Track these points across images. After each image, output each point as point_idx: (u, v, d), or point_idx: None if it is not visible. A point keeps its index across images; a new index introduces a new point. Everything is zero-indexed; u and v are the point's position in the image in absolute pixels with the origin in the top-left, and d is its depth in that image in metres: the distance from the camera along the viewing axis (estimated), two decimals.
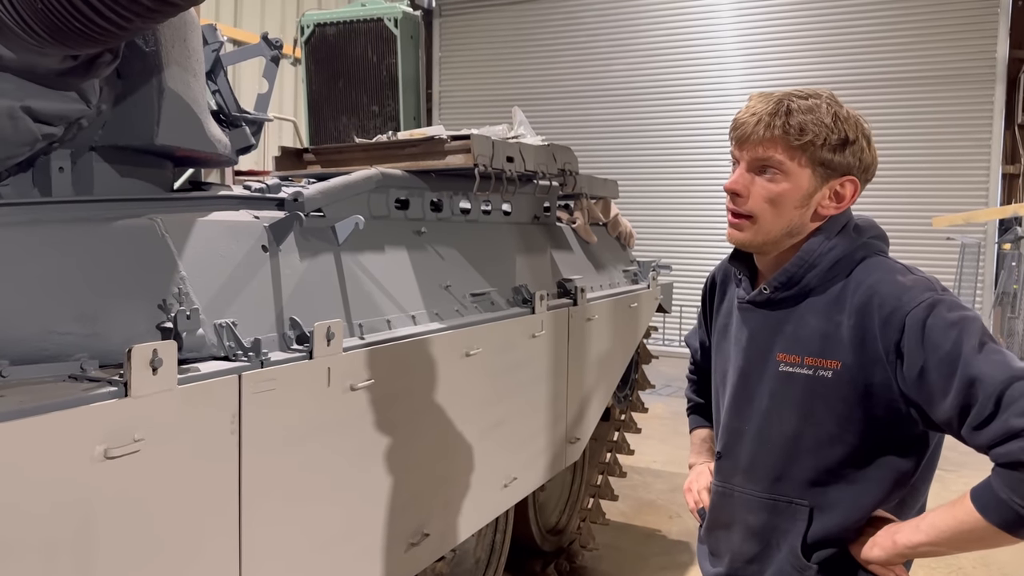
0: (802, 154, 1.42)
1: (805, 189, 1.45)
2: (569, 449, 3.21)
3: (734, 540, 1.59)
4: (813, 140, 1.41)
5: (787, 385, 1.49)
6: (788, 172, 1.44)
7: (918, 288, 1.38)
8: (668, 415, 7.32)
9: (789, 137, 1.41)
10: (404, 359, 2.08)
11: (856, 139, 1.44)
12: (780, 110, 1.43)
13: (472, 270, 2.66)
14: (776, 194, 1.45)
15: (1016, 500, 1.22)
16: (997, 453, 1.25)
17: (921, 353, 1.32)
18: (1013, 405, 1.23)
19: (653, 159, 11.12)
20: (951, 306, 1.34)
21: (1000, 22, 9.43)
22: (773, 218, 1.47)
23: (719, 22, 10.82)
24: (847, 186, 1.46)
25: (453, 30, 12.45)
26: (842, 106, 1.47)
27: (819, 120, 1.41)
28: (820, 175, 1.44)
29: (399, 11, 3.66)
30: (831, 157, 1.43)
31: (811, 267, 1.48)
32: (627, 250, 4.16)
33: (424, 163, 2.53)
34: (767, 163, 1.45)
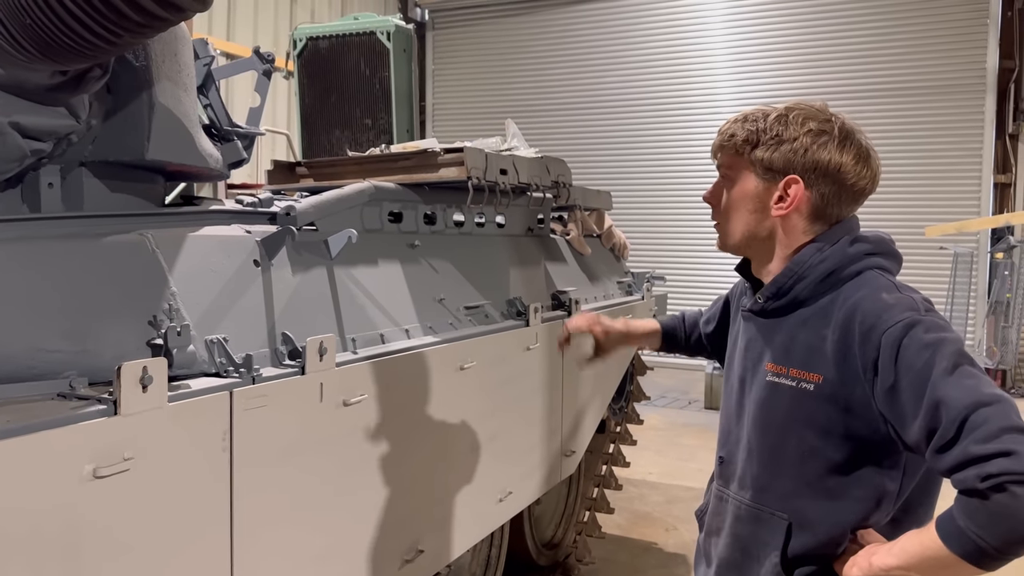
0: (741, 158, 1.49)
1: (751, 192, 1.49)
2: (564, 462, 3.19)
3: (721, 546, 1.59)
4: (747, 139, 1.47)
5: (773, 394, 1.49)
6: (734, 178, 1.52)
7: (899, 307, 1.35)
8: (664, 426, 7.31)
9: (727, 144, 1.50)
10: (398, 374, 2.07)
11: (794, 138, 1.44)
12: (736, 120, 1.51)
13: (466, 283, 2.65)
14: (730, 201, 1.52)
15: (973, 528, 1.18)
16: (956, 479, 1.22)
17: (893, 372, 1.31)
18: (975, 432, 1.19)
19: (646, 171, 11.14)
20: (929, 327, 1.32)
21: (989, 33, 9.49)
22: (731, 222, 1.54)
23: (711, 35, 10.87)
24: (787, 187, 1.47)
25: (446, 43, 12.48)
26: (803, 109, 1.48)
27: (754, 124, 1.47)
28: (764, 176, 1.48)
29: (392, 24, 3.66)
30: (766, 156, 1.46)
31: (800, 278, 1.48)
32: (621, 261, 4.16)
33: (417, 176, 2.53)
34: (721, 170, 1.55)
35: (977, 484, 1.17)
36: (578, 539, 4.02)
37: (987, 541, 1.17)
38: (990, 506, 1.16)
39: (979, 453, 1.18)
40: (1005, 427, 1.18)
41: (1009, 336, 9.10)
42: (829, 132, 1.46)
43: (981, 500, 1.17)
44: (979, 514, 1.17)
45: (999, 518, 1.15)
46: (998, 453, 1.16)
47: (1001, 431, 1.18)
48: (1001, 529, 1.16)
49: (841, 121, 1.49)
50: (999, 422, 1.19)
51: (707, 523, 1.68)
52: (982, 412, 1.20)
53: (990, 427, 1.18)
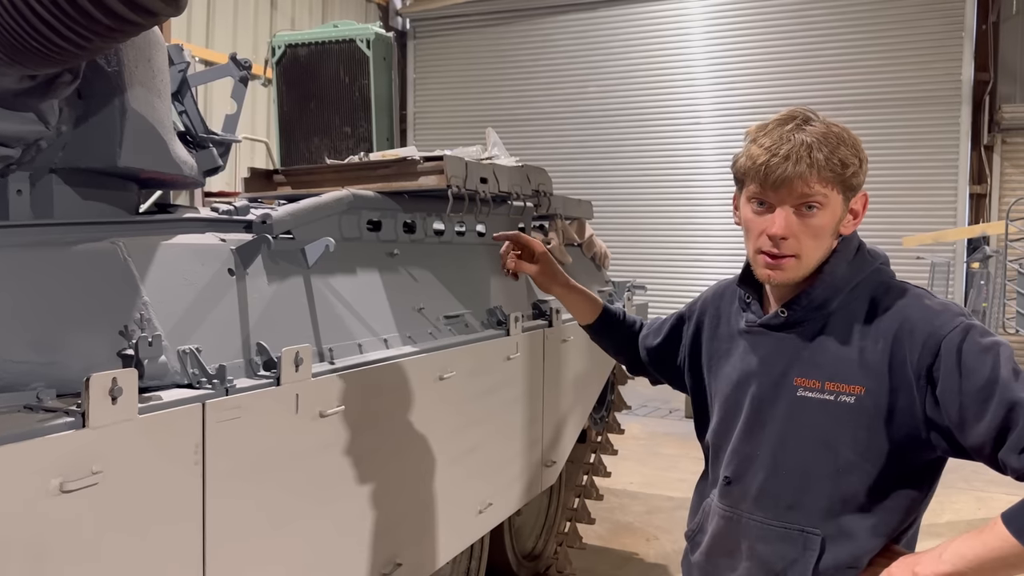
0: (837, 184, 1.42)
1: (839, 216, 1.46)
2: (545, 473, 3.17)
3: (738, 568, 1.55)
4: (853, 172, 1.42)
5: (804, 410, 1.46)
6: (826, 204, 1.43)
7: (948, 313, 1.39)
8: (644, 436, 7.30)
9: (832, 172, 1.40)
10: (375, 384, 2.04)
11: (864, 158, 1.46)
12: (819, 144, 1.40)
13: (446, 292, 2.62)
14: (819, 228, 1.44)
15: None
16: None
17: (957, 378, 1.32)
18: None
19: (627, 180, 11.18)
20: (983, 332, 1.36)
21: (964, 45, 9.63)
22: (816, 251, 1.46)
23: (691, 45, 10.95)
24: (860, 201, 1.49)
25: (428, 52, 12.48)
26: (856, 143, 1.47)
27: (850, 150, 1.42)
28: (847, 199, 1.46)
29: (371, 32, 3.64)
30: (857, 181, 1.45)
31: (836, 290, 1.48)
32: (602, 270, 4.15)
33: (397, 184, 2.51)
34: (810, 200, 1.42)
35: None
36: (559, 550, 4.00)
37: None
38: None
39: None
40: None
41: None
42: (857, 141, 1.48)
43: None
44: None
45: None
46: None
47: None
48: None
49: None
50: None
51: (710, 545, 1.62)
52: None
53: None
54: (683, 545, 1.75)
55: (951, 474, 1.41)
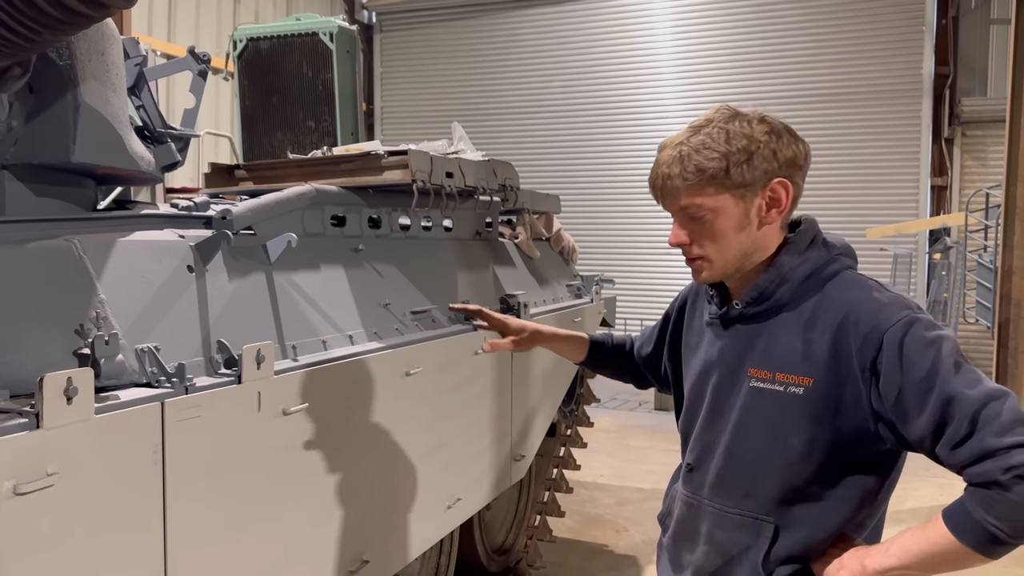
0: (712, 186, 1.41)
1: (735, 214, 1.44)
2: (514, 467, 3.17)
3: (697, 553, 1.58)
4: (714, 173, 1.40)
5: (757, 400, 1.48)
6: (711, 208, 1.43)
7: (895, 306, 1.38)
8: (614, 428, 7.34)
9: (692, 181, 1.42)
10: (341, 381, 2.03)
11: (758, 147, 1.41)
12: (675, 159, 1.43)
13: (412, 287, 2.61)
14: (715, 231, 1.45)
15: (991, 520, 1.22)
16: (972, 473, 1.25)
17: (898, 371, 1.33)
18: (989, 425, 1.24)
19: (595, 174, 11.22)
20: (928, 325, 1.35)
21: (925, 40, 9.79)
22: (722, 251, 1.47)
23: (657, 40, 11.00)
24: (777, 189, 1.44)
25: (394, 46, 12.40)
26: (736, 118, 1.44)
27: (713, 150, 1.40)
28: (741, 195, 1.43)
29: (334, 25, 3.61)
30: (742, 176, 1.41)
31: (783, 281, 1.47)
32: (570, 265, 4.16)
33: (361, 179, 2.48)
34: (688, 210, 1.46)
35: (999, 476, 1.20)
36: (529, 544, 4.01)
37: (1005, 531, 1.21)
38: (1012, 496, 1.20)
39: (997, 446, 1.22)
40: (1018, 419, 1.23)
41: None
42: (777, 129, 1.45)
43: (1002, 491, 1.21)
44: (999, 505, 1.21)
45: (1020, 508, 1.20)
46: (1016, 445, 1.21)
47: (1015, 423, 1.23)
48: (1021, 518, 1.21)
49: (771, 116, 1.48)
50: (1011, 415, 1.24)
51: (674, 529, 1.66)
52: (993, 406, 1.25)
53: (1004, 420, 1.23)
54: (652, 536, 1.78)
55: (912, 461, 1.43)
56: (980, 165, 10.02)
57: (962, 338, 9.57)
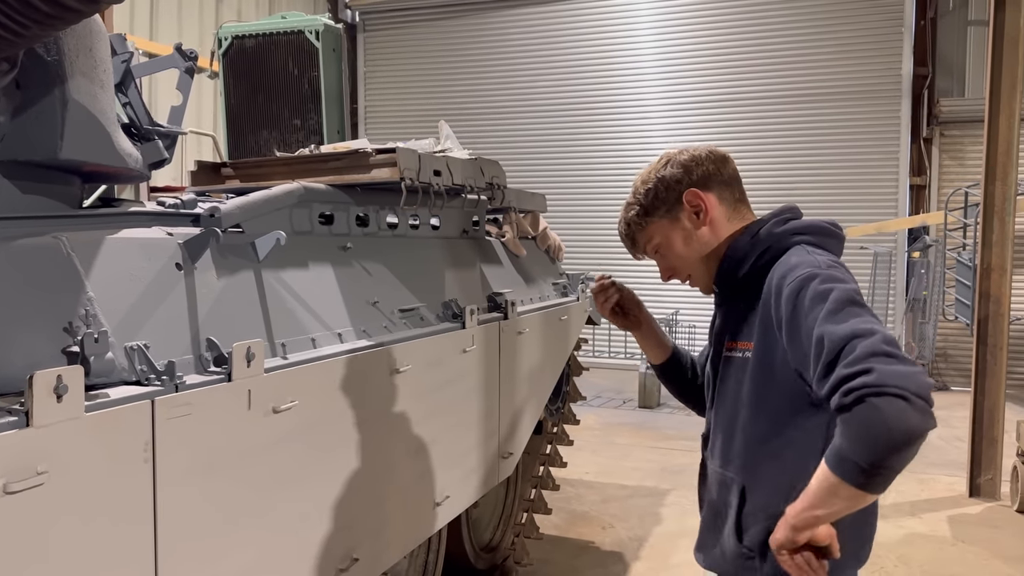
0: (645, 226, 1.74)
1: (676, 233, 1.71)
2: (502, 464, 3.18)
3: (704, 511, 1.78)
4: (638, 218, 1.73)
5: (728, 369, 1.67)
6: (659, 240, 1.74)
7: (802, 266, 1.49)
8: (599, 426, 7.37)
9: (634, 232, 1.78)
10: (330, 379, 2.02)
11: (654, 185, 1.70)
12: (622, 228, 1.81)
13: (400, 286, 2.61)
14: (674, 255, 1.74)
15: (847, 447, 1.27)
16: (832, 403, 1.31)
17: (794, 321, 1.44)
18: (846, 358, 1.30)
19: (580, 173, 11.25)
20: (825, 279, 1.43)
21: (904, 41, 9.89)
22: (690, 263, 1.73)
23: (640, 39, 11.04)
24: (691, 200, 1.68)
25: (378, 45, 12.36)
26: (654, 166, 1.75)
27: (632, 206, 1.75)
28: (668, 217, 1.71)
29: (320, 23, 3.59)
30: (656, 206, 1.71)
31: (738, 261, 1.64)
32: (556, 263, 4.17)
33: (349, 177, 2.48)
34: (652, 251, 1.78)
35: (844, 400, 1.26)
36: (516, 541, 4.01)
37: (858, 456, 1.25)
38: (852, 419, 1.25)
39: (846, 374, 1.28)
40: (872, 352, 1.28)
41: (926, 332, 9.49)
42: (676, 158, 1.74)
43: (848, 416, 1.27)
44: (848, 430, 1.27)
45: (862, 429, 1.24)
46: (860, 372, 1.26)
47: (868, 355, 1.27)
48: (866, 440, 1.24)
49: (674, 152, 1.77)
50: (868, 348, 1.28)
51: (699, 492, 1.84)
52: (855, 342, 1.31)
53: (859, 353, 1.29)
54: (638, 533, 1.90)
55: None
56: (958, 164, 10.13)
57: (941, 335, 9.68)
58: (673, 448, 6.74)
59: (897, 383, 1.22)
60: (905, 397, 1.21)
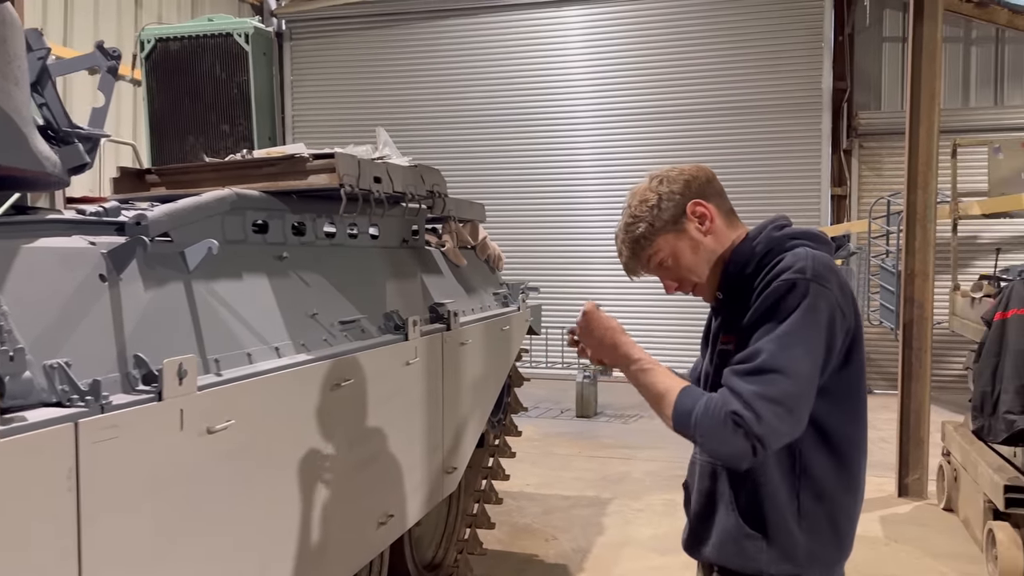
0: (652, 241, 1.72)
1: (684, 244, 1.72)
2: (446, 480, 3.10)
3: (693, 503, 1.81)
4: (646, 233, 1.72)
5: (722, 362, 1.67)
6: (666, 254, 1.73)
7: (798, 263, 1.56)
8: (539, 436, 7.32)
9: (640, 250, 1.75)
10: (267, 395, 1.91)
11: (659, 197, 1.71)
12: (622, 247, 1.77)
13: (340, 297, 2.51)
14: (681, 266, 1.74)
15: (698, 412, 1.52)
16: (724, 393, 1.52)
17: (764, 311, 1.55)
18: (762, 384, 1.48)
19: (515, 183, 11.26)
20: (804, 293, 1.53)
21: (824, 55, 10.23)
22: (698, 271, 1.74)
23: (570, 53, 11.14)
24: (696, 209, 1.71)
25: (305, 54, 12.13)
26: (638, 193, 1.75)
27: (637, 222, 1.72)
28: (675, 229, 1.71)
29: (250, 26, 3.46)
30: (663, 220, 1.71)
31: (744, 264, 1.68)
32: (496, 273, 4.11)
33: (284, 183, 2.37)
34: (657, 267, 1.76)
35: (729, 406, 1.48)
36: (459, 558, 3.92)
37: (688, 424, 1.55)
38: (718, 423, 1.49)
39: (747, 399, 1.47)
40: (778, 400, 1.47)
41: None
42: (667, 175, 1.76)
43: (721, 415, 1.49)
44: (710, 418, 1.51)
45: (715, 432, 1.50)
46: (755, 411, 1.46)
47: (773, 401, 1.47)
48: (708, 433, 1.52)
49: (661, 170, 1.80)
50: (778, 394, 1.48)
51: (686, 489, 1.88)
52: (777, 378, 1.48)
53: (772, 393, 1.47)
54: (581, 544, 1.90)
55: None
56: (876, 175, 10.51)
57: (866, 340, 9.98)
58: (612, 457, 6.74)
59: (763, 437, 1.46)
60: (755, 447, 1.46)
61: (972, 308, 5.16)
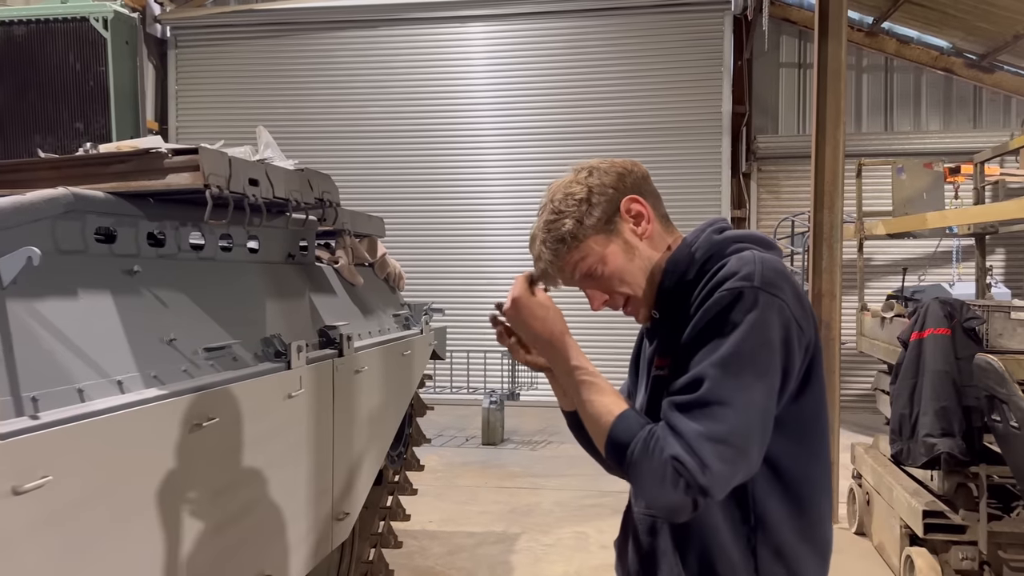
0: (580, 243, 1.43)
1: (616, 248, 1.44)
2: (336, 528, 2.72)
3: (629, 564, 1.54)
4: (572, 232, 1.42)
5: (657, 389, 1.43)
6: (595, 259, 1.44)
7: (743, 274, 1.31)
8: (441, 467, 6.95)
9: (564, 252, 1.43)
10: (102, 442, 1.53)
11: (586, 195, 1.43)
12: (541, 249, 1.45)
13: (207, 319, 2.13)
14: (613, 275, 1.44)
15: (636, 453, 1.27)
16: (664, 429, 1.27)
17: (703, 327, 1.31)
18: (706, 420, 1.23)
19: (417, 200, 10.95)
20: (751, 305, 1.28)
21: (724, 80, 10.41)
22: (633, 283, 1.45)
23: (474, 69, 10.98)
24: (631, 206, 1.45)
25: (191, 62, 11.48)
26: (563, 186, 1.46)
27: (561, 218, 1.43)
28: (607, 230, 1.44)
29: (109, 10, 3.03)
30: (593, 217, 1.43)
31: (682, 273, 1.43)
32: (396, 293, 3.78)
33: (137, 183, 1.99)
34: (583, 275, 1.45)
35: (667, 449, 1.24)
36: None
37: (629, 470, 1.30)
38: (656, 463, 1.24)
39: (690, 440, 1.23)
40: (724, 441, 1.23)
41: None
42: (597, 166, 1.49)
43: (657, 459, 1.24)
44: (646, 461, 1.26)
45: (649, 474, 1.26)
46: (699, 457, 1.22)
47: (719, 442, 1.23)
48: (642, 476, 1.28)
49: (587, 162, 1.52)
50: (724, 433, 1.23)
51: (618, 545, 1.61)
52: (723, 412, 1.24)
53: (718, 432, 1.23)
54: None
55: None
56: (774, 198, 10.72)
57: None
58: (520, 487, 6.44)
59: (708, 488, 1.22)
60: (696, 502, 1.23)
61: (882, 328, 5.15)
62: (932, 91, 10.61)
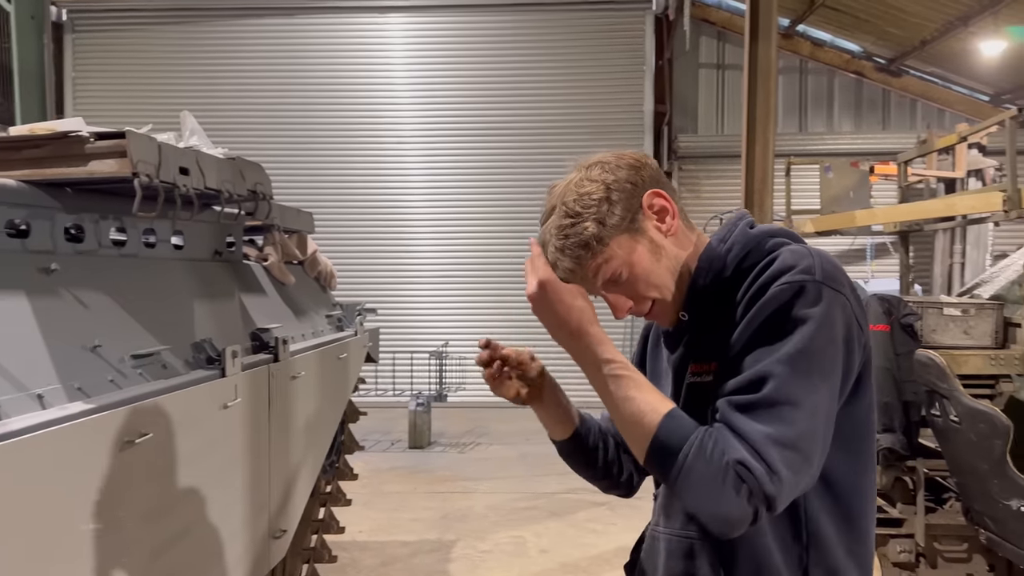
0: (603, 246, 1.28)
1: (642, 248, 1.30)
2: (274, 546, 2.53)
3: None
4: (596, 235, 1.27)
5: (692, 398, 1.30)
6: (620, 262, 1.30)
7: (802, 265, 1.20)
8: (368, 473, 6.67)
9: (587, 258, 1.29)
10: (20, 465, 1.32)
11: (604, 192, 1.28)
12: (558, 256, 1.30)
13: (133, 323, 1.92)
14: (638, 278, 1.31)
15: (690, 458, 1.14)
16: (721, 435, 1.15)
17: (761, 324, 1.19)
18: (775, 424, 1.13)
19: (342, 195, 10.66)
20: (815, 299, 1.18)
21: (645, 79, 10.52)
22: (660, 285, 1.32)
23: (394, 62, 10.77)
24: (654, 201, 1.31)
25: (90, 48, 10.81)
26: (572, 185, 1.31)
27: (580, 221, 1.28)
28: (631, 228, 1.29)
29: None
30: (616, 216, 1.28)
31: (719, 270, 1.30)
32: (328, 292, 3.58)
33: (54, 171, 1.77)
34: (607, 280, 1.31)
35: (729, 453, 1.12)
36: None
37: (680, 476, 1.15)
38: (715, 474, 1.12)
39: (756, 446, 1.12)
40: (795, 446, 1.13)
41: None
42: (607, 161, 1.34)
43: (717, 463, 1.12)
44: (703, 465, 1.14)
45: (706, 486, 1.13)
46: (769, 463, 1.11)
47: (789, 448, 1.12)
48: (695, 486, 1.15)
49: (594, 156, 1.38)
50: (794, 438, 1.13)
51: (638, 568, 1.46)
52: (794, 414, 1.13)
53: (789, 437, 1.12)
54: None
55: None
56: (695, 197, 10.89)
57: None
58: (452, 491, 6.29)
59: (774, 497, 1.11)
60: (757, 512, 1.12)
61: None
62: (844, 93, 11.01)
